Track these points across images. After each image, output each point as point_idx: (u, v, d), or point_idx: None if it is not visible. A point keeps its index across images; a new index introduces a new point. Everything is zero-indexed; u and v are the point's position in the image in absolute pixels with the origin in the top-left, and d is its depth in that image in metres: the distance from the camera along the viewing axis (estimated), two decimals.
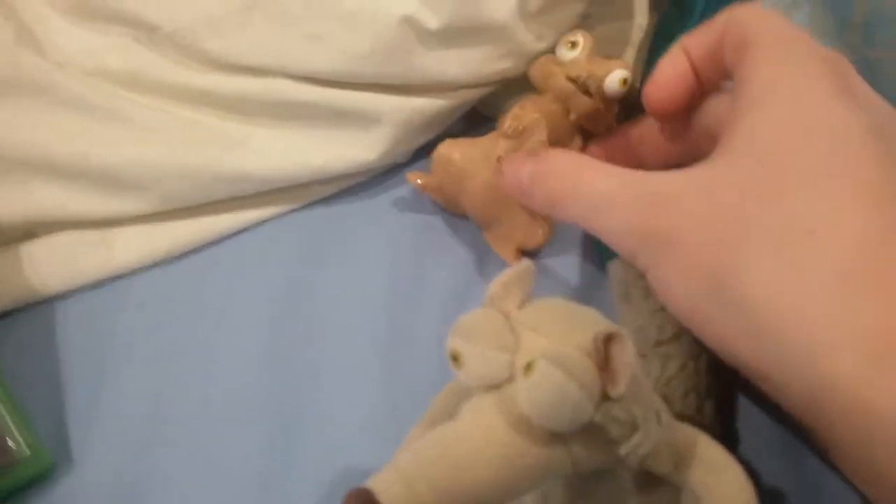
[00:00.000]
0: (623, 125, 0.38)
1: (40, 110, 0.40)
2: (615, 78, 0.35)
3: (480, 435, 0.21)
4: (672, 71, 0.32)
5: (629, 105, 0.37)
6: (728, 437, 0.31)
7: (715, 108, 0.32)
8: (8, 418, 0.33)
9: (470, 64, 0.40)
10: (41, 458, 0.33)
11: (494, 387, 0.21)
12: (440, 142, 0.39)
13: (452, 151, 0.38)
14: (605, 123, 0.38)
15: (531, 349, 0.21)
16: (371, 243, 0.41)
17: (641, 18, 0.43)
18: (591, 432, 0.21)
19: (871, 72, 0.38)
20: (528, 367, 0.20)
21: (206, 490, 0.33)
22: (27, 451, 0.32)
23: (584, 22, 0.42)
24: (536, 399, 0.20)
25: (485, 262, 0.40)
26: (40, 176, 0.40)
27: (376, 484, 0.20)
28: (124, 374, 0.37)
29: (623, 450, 0.22)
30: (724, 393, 0.32)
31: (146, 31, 0.40)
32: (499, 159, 0.36)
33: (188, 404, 0.36)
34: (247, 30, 0.40)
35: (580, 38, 0.37)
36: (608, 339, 0.20)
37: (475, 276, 0.40)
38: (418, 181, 0.40)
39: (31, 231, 0.40)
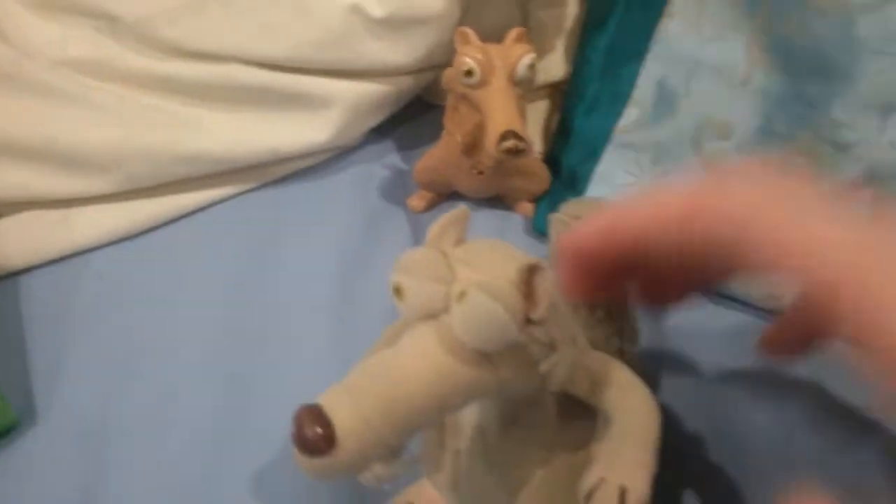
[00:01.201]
0: None
1: (7, 96, 0.42)
2: (524, 63, 0.38)
3: (418, 354, 0.23)
4: None
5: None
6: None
7: None
8: None
9: (412, 51, 0.43)
10: (6, 414, 0.35)
11: (432, 316, 0.24)
12: (386, 125, 0.42)
13: None
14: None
15: (465, 281, 0.24)
16: (322, 222, 0.44)
17: (573, 7, 0.46)
18: (515, 354, 0.23)
19: (781, 45, 0.41)
20: (461, 295, 0.23)
21: (163, 441, 0.35)
22: None
23: (523, 9, 0.45)
24: (468, 322, 0.22)
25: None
26: (5, 158, 0.42)
27: (324, 398, 0.22)
28: (85, 339, 0.39)
29: (543, 367, 0.24)
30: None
31: (108, 21, 0.43)
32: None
33: (147, 365, 0.38)
34: (202, 19, 0.42)
35: (475, 65, 0.38)
36: (531, 270, 0.23)
37: (423, 236, 0.42)
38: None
39: None
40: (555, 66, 0.47)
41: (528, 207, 0.45)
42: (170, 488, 0.33)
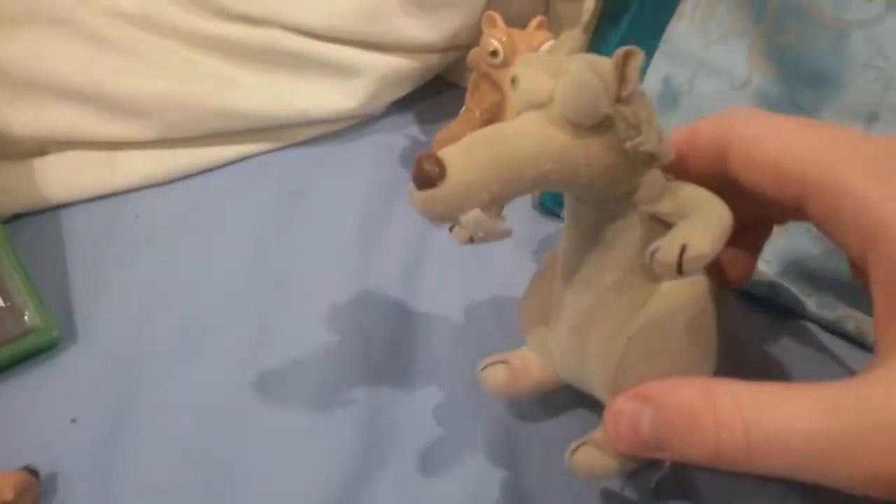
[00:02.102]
0: None
1: (59, 41, 0.45)
2: (544, 48, 0.42)
3: (522, 122, 0.26)
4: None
5: None
6: None
7: None
8: (26, 295, 0.38)
9: (440, 30, 0.46)
10: (50, 331, 0.38)
11: (540, 105, 0.26)
12: (409, 99, 0.46)
13: None
14: None
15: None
16: (345, 183, 0.47)
17: (589, 3, 0.49)
18: (604, 130, 0.26)
19: (780, 53, 0.45)
20: (565, 72, 0.25)
21: (192, 368, 0.38)
22: (40, 324, 0.38)
23: (545, 1, 0.49)
24: (567, 91, 0.25)
25: None
26: (56, 99, 0.45)
27: (442, 151, 0.25)
28: (121, 272, 0.42)
29: (629, 144, 0.26)
30: None
31: None
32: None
33: (177, 299, 0.41)
34: None
35: (500, 47, 0.42)
36: (626, 54, 0.25)
37: None
38: None
39: (43, 147, 0.46)
40: None
41: None
42: (197, 410, 0.36)
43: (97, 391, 0.37)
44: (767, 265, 0.44)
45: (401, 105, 0.51)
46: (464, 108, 0.46)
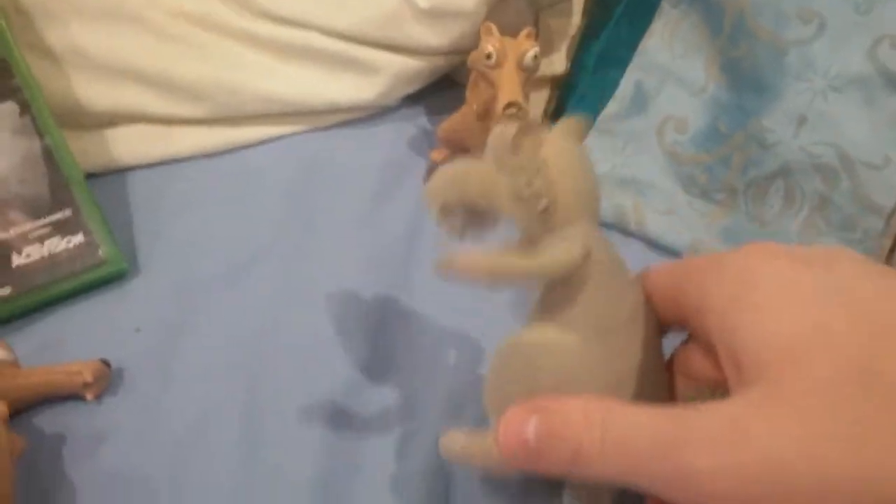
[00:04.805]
0: None
1: (132, 34, 0.55)
2: (530, 55, 0.50)
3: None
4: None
5: None
6: None
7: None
8: (101, 234, 0.47)
9: (446, 36, 0.55)
10: (119, 263, 0.47)
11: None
12: (419, 94, 0.54)
13: None
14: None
15: None
16: (361, 162, 0.56)
17: (576, 18, 0.58)
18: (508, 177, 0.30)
19: (732, 66, 0.53)
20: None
21: (233, 297, 0.46)
22: (111, 256, 0.47)
23: (538, 16, 0.58)
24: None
25: None
26: (126, 81, 0.54)
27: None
28: (174, 223, 0.51)
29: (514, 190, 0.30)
30: None
31: None
32: None
33: (220, 247, 0.49)
34: None
35: (493, 51, 0.50)
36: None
37: None
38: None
39: (114, 120, 0.55)
40: (557, 63, 0.59)
41: None
42: (237, 326, 0.45)
43: (156, 310, 0.46)
44: (714, 241, 0.53)
45: (411, 99, 0.60)
46: (465, 102, 0.55)
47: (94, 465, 0.38)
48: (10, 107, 0.47)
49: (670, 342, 0.33)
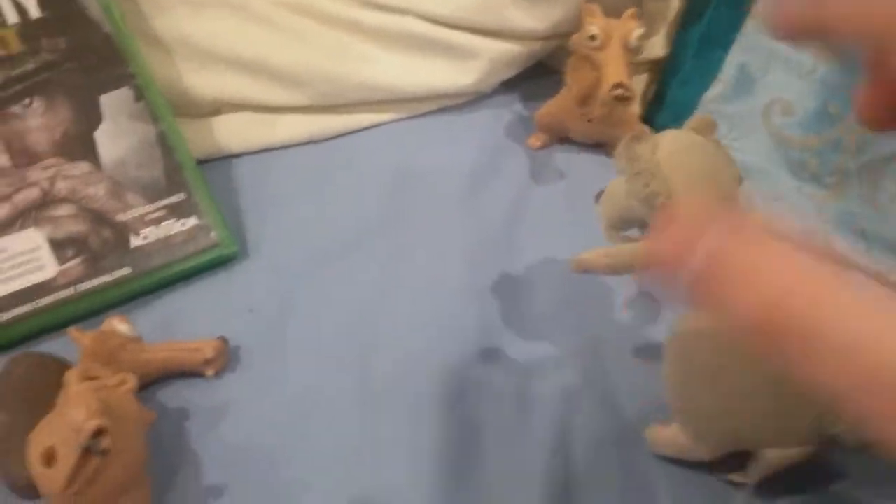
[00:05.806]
0: None
1: (235, 22, 0.56)
2: (636, 34, 0.49)
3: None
4: None
5: None
6: None
7: None
8: (213, 218, 0.48)
9: (544, 20, 0.55)
10: (231, 245, 0.48)
11: None
12: (515, 81, 0.54)
13: None
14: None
15: None
16: (459, 148, 0.56)
17: (676, 2, 0.57)
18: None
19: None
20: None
21: (336, 279, 0.47)
22: (224, 239, 0.48)
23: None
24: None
25: (545, 161, 0.55)
26: (231, 69, 0.55)
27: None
28: (279, 205, 0.52)
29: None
30: None
31: None
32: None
33: (322, 228, 0.51)
34: None
35: (598, 32, 0.50)
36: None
37: (537, 168, 0.55)
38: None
39: (219, 108, 0.56)
40: (656, 47, 0.58)
41: None
42: (341, 306, 0.46)
43: (267, 291, 0.47)
44: (825, 226, 0.51)
45: (507, 86, 0.60)
46: (564, 87, 0.54)
47: (216, 437, 0.39)
48: (125, 92, 0.49)
49: None
